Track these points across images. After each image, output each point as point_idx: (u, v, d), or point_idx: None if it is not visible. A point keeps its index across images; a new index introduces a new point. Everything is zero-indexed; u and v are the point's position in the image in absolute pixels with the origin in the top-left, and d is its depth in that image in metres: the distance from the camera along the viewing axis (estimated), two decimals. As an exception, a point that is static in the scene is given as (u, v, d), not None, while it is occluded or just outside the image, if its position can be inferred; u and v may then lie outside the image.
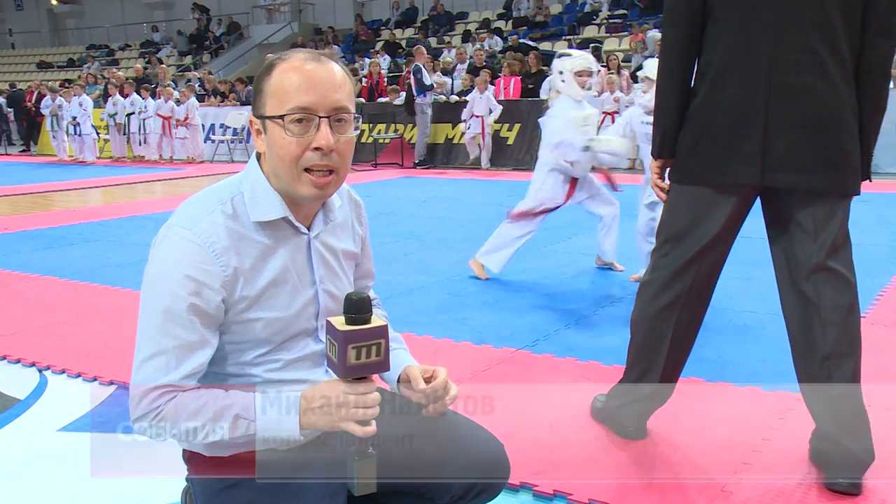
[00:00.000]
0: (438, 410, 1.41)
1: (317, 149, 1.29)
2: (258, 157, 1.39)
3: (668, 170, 2.05)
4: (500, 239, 4.28)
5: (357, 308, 1.23)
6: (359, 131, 1.37)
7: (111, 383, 2.83)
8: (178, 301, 1.28)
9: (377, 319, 1.25)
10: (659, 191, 2.10)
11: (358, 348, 1.22)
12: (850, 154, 1.89)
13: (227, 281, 1.31)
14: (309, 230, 1.41)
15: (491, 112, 10.68)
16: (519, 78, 11.96)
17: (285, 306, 1.38)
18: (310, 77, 1.28)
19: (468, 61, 13.11)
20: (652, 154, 2.07)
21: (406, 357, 1.51)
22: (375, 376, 1.30)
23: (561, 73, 4.19)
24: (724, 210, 1.95)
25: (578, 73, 4.12)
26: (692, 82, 1.94)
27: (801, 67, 1.80)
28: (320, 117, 1.28)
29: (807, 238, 1.93)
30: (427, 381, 1.41)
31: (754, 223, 2.07)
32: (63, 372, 2.96)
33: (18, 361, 3.09)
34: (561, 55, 4.31)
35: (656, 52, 11.98)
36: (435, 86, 11.49)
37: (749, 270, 4.40)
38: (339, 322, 1.24)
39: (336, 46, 18.04)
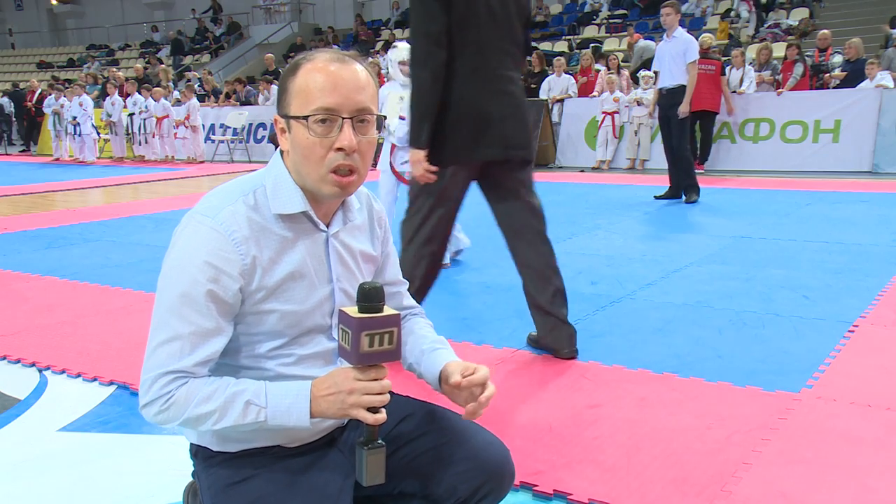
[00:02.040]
0: (474, 410, 1.41)
1: (339, 149, 1.31)
2: (281, 153, 1.40)
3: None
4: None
5: (370, 297, 1.24)
6: (381, 132, 1.38)
7: (111, 383, 2.83)
8: (197, 287, 1.29)
9: (389, 309, 1.27)
10: (430, 175, 2.72)
11: (371, 336, 1.23)
12: (530, 135, 2.89)
13: (245, 270, 1.32)
14: (328, 228, 1.43)
15: None
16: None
17: (301, 300, 1.39)
18: (334, 78, 1.30)
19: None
20: (418, 146, 2.68)
21: (448, 356, 1.52)
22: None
23: (389, 61, 5.10)
24: (466, 178, 2.83)
25: (402, 63, 4.93)
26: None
27: (507, 79, 2.73)
28: (343, 118, 1.30)
29: (522, 199, 2.95)
30: (466, 378, 1.42)
31: (753, 224, 2.05)
32: (63, 372, 2.96)
33: (18, 361, 3.09)
34: (393, 46, 5.20)
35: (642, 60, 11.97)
36: None
37: (749, 270, 4.40)
38: (353, 311, 1.25)
39: (336, 46, 18.04)
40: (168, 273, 1.33)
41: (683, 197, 7.42)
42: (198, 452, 1.47)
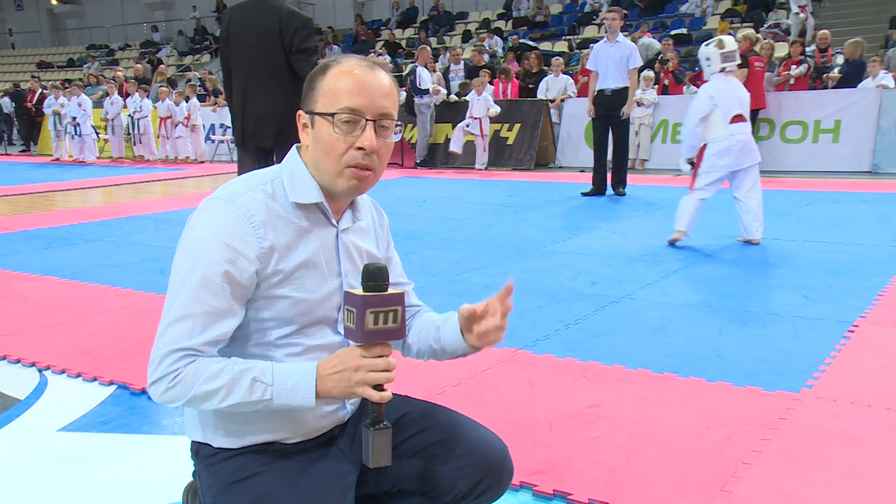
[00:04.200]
0: (502, 310, 1.53)
1: (360, 148, 1.35)
2: (298, 149, 1.46)
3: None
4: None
5: (374, 277, 1.28)
6: (399, 137, 1.47)
7: (111, 383, 2.83)
8: (214, 267, 1.32)
9: (393, 289, 1.30)
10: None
11: (376, 313, 1.26)
12: (271, 130, 3.99)
13: (262, 253, 1.35)
14: (338, 224, 1.47)
15: (489, 110, 10.64)
16: (517, 80, 11.94)
17: (313, 289, 1.42)
18: (361, 82, 1.37)
19: (465, 62, 13.10)
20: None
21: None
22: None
23: (708, 59, 4.99)
24: (253, 157, 4.08)
25: (726, 55, 4.98)
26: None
27: (259, 91, 3.92)
28: (367, 120, 1.36)
29: None
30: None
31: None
32: (63, 372, 2.96)
33: (18, 361, 3.09)
34: (706, 44, 5.12)
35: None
36: (431, 90, 11.43)
37: (749, 270, 4.40)
38: (358, 291, 1.29)
39: (336, 46, 18.04)
40: (185, 252, 1.36)
41: (612, 191, 7.89)
42: (199, 451, 1.47)
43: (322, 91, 1.38)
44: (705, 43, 5.17)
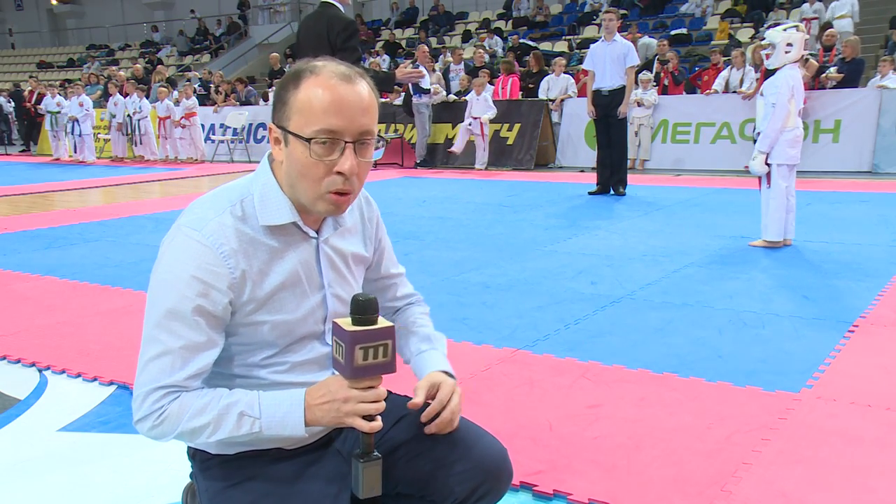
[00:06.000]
0: (433, 429, 1.41)
1: (339, 173, 1.28)
2: (269, 159, 1.38)
3: None
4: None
5: (364, 309, 1.22)
6: (381, 153, 1.37)
7: (111, 383, 2.83)
8: (185, 302, 1.28)
9: (384, 321, 1.25)
10: None
11: (365, 349, 1.22)
12: None
13: (234, 283, 1.31)
14: (318, 234, 1.41)
15: (487, 113, 10.64)
16: (518, 77, 11.96)
17: (293, 309, 1.38)
18: (339, 99, 1.26)
19: (466, 62, 13.10)
20: None
21: (433, 360, 1.51)
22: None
23: (790, 45, 4.71)
24: None
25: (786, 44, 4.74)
26: None
27: None
28: (346, 142, 1.28)
29: None
30: (432, 396, 1.43)
31: (753, 224, 2.06)
32: (63, 372, 2.96)
33: (18, 361, 3.09)
34: (760, 39, 5.05)
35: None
36: (432, 90, 11.43)
37: (749, 270, 4.40)
38: (346, 323, 1.24)
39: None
40: (156, 288, 1.31)
41: (612, 191, 7.92)
42: (195, 454, 1.46)
43: (296, 107, 1.27)
44: (782, 27, 4.85)
